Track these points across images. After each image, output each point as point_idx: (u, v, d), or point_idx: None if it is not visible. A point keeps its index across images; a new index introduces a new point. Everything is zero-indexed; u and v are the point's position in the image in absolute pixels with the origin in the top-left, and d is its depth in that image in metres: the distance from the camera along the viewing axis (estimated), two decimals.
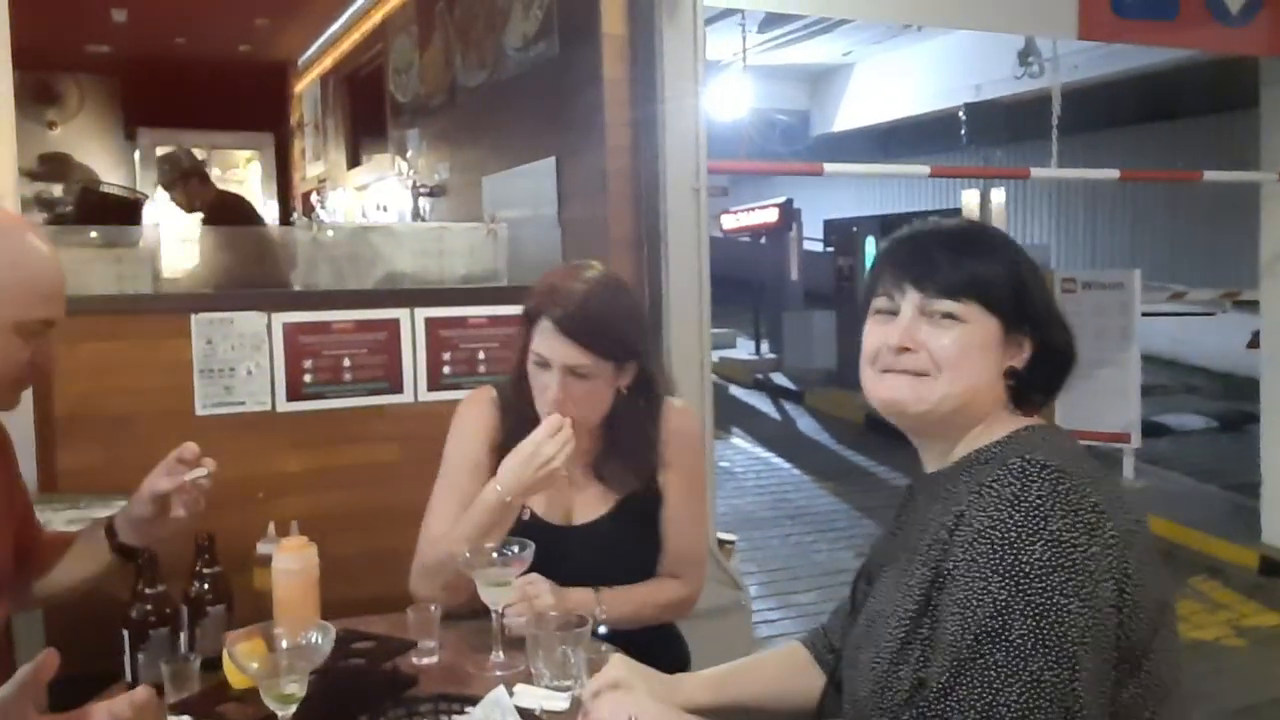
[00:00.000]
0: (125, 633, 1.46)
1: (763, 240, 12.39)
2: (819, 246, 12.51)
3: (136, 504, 1.53)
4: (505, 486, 1.63)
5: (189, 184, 5.06)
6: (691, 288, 2.90)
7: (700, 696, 1.35)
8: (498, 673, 1.51)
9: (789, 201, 11.73)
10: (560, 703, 1.39)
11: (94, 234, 3.79)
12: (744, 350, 12.37)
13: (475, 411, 1.83)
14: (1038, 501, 1.05)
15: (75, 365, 2.17)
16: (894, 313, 1.20)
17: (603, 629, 1.63)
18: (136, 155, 7.44)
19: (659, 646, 1.72)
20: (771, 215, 11.92)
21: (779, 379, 10.81)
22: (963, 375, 1.16)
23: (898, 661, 1.12)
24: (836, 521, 6.00)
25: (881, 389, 1.20)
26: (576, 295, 1.67)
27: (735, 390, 10.62)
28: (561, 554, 1.69)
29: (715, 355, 3.15)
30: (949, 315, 1.17)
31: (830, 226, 11.54)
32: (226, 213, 4.96)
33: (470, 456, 1.79)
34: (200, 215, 5.00)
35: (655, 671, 1.35)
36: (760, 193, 13.49)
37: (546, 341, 1.66)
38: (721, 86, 10.21)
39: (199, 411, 2.41)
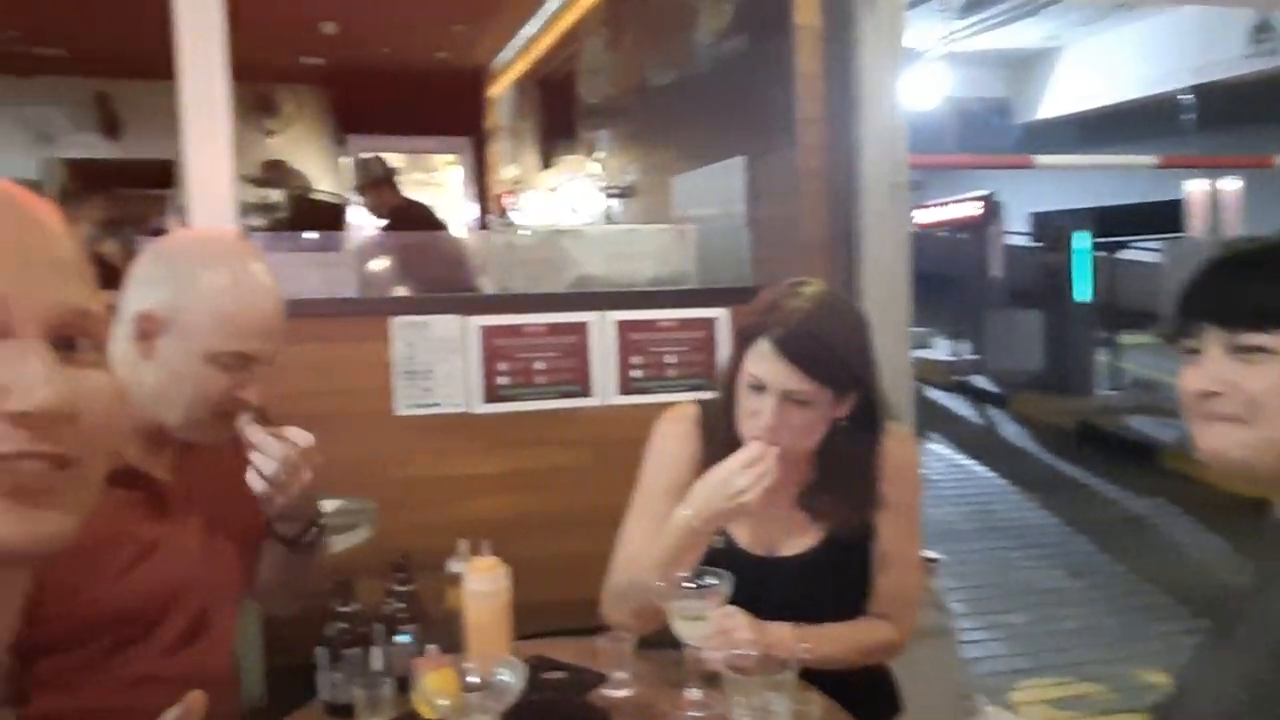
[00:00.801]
0: (320, 650, 1.45)
1: (961, 235, 11.85)
2: (1019, 240, 11.86)
3: None
4: (695, 511, 1.53)
5: (379, 190, 5.29)
6: (891, 289, 2.73)
7: None
8: (693, 713, 1.42)
9: (991, 195, 11.15)
10: None
11: (310, 238, 3.98)
12: (941, 350, 11.87)
13: (676, 431, 1.73)
14: None
15: (286, 366, 2.23)
16: (1199, 352, 1.03)
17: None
18: (345, 161, 7.83)
19: (867, 686, 1.60)
20: (972, 209, 11.36)
21: (979, 381, 10.30)
22: None
23: (1242, 714, 0.96)
24: (1045, 536, 5.61)
25: (1200, 439, 1.04)
26: (799, 315, 1.55)
27: (932, 393, 10.19)
28: (762, 587, 1.57)
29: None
30: (1260, 349, 0.99)
31: (1038, 220, 10.88)
32: (409, 219, 5.18)
33: (667, 479, 1.69)
34: (386, 220, 5.23)
35: None
36: (954, 185, 12.89)
37: (764, 363, 1.55)
38: (916, 75, 9.85)
39: (397, 411, 2.45)
